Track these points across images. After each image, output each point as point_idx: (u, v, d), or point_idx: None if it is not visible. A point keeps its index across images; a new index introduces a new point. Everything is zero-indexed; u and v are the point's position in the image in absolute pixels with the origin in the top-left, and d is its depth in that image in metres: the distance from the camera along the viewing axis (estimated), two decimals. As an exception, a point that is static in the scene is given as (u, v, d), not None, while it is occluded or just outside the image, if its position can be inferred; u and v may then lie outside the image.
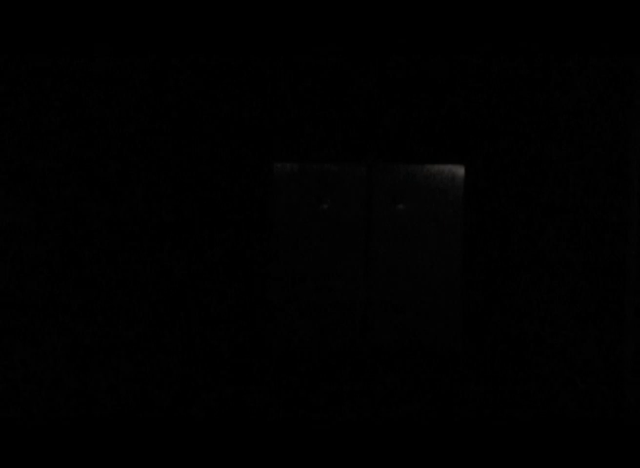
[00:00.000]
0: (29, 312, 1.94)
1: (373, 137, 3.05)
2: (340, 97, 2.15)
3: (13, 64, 1.88)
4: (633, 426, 2.94)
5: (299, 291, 2.18)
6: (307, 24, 2.06)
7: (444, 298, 3.07)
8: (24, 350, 1.93)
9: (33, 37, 1.91)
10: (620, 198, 3.13)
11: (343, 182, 2.14)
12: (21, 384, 1.94)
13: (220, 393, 2.08)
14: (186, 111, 2.03)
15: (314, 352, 2.18)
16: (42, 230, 1.96)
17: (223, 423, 2.06)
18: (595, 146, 3.08)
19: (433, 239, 3.00)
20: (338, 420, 2.19)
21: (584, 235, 3.11)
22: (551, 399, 3.16)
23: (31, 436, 1.92)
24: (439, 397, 3.02)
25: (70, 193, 1.97)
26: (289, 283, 2.16)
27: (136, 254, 2.02)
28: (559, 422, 3.03)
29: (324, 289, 2.20)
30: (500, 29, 2.31)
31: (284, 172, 2.13)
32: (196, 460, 2.01)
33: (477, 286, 3.05)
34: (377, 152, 2.69)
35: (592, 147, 3.09)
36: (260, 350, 2.12)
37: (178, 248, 2.04)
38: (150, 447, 2.00)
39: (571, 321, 3.14)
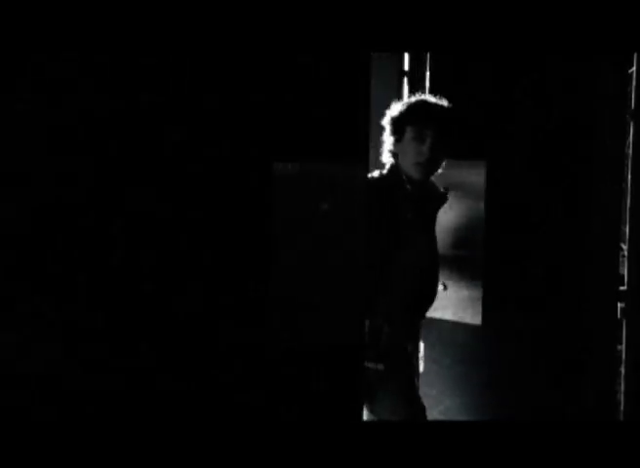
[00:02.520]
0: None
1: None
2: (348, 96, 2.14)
3: None
4: (627, 427, 2.95)
5: (299, 289, 2.18)
6: (309, 24, 2.05)
7: (465, 288, 3.10)
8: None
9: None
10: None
11: (346, 182, 2.14)
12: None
13: (218, 391, 2.08)
14: (185, 110, 2.03)
15: (314, 350, 2.18)
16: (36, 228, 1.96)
17: (223, 422, 2.06)
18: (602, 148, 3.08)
19: (458, 229, 3.06)
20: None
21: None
22: (546, 396, 3.17)
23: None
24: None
25: (70, 193, 1.97)
26: (289, 281, 2.16)
27: (131, 252, 2.02)
28: (554, 422, 3.04)
29: (324, 287, 2.20)
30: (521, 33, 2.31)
31: (284, 171, 2.12)
32: (194, 461, 2.01)
33: (496, 268, 3.10)
34: None
35: (602, 148, 3.09)
36: (260, 346, 2.12)
37: (176, 247, 2.04)
38: (144, 446, 2.00)
39: (571, 314, 3.15)
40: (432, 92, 2.96)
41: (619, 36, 2.38)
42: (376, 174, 2.87)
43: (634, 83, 3.10)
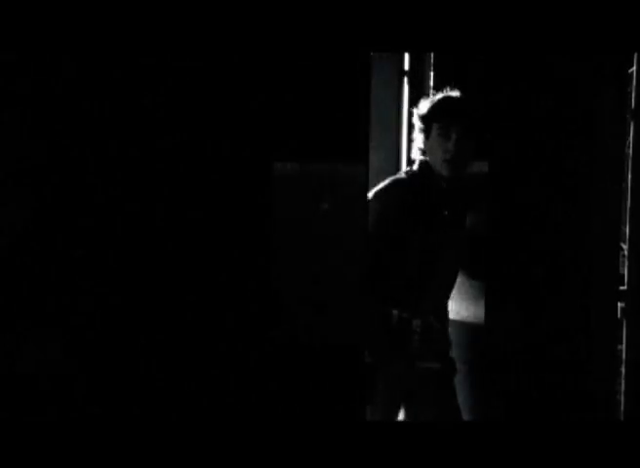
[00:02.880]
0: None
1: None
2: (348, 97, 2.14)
3: None
4: (627, 426, 2.94)
5: (299, 289, 2.18)
6: (309, 24, 2.05)
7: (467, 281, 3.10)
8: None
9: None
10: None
11: (346, 181, 2.14)
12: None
13: (218, 391, 2.08)
14: (185, 109, 2.03)
15: (314, 349, 2.18)
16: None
17: (223, 422, 2.06)
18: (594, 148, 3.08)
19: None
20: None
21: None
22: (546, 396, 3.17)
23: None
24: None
25: (70, 193, 1.97)
26: (289, 281, 2.15)
27: (132, 253, 2.02)
28: (554, 421, 3.04)
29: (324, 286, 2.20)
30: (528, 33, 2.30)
31: (284, 171, 2.13)
32: (197, 461, 2.01)
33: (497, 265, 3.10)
34: None
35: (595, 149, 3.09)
36: (260, 346, 2.12)
37: (176, 247, 2.04)
38: (145, 446, 2.00)
39: (571, 314, 3.14)
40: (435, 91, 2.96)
41: (619, 36, 2.38)
42: (407, 170, 2.88)
43: (634, 83, 3.10)
